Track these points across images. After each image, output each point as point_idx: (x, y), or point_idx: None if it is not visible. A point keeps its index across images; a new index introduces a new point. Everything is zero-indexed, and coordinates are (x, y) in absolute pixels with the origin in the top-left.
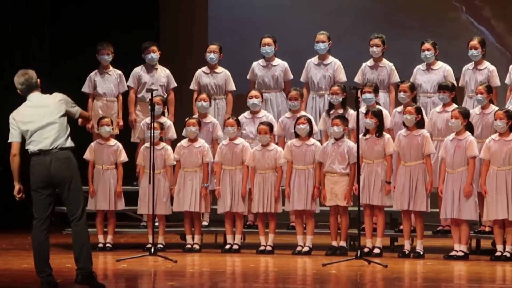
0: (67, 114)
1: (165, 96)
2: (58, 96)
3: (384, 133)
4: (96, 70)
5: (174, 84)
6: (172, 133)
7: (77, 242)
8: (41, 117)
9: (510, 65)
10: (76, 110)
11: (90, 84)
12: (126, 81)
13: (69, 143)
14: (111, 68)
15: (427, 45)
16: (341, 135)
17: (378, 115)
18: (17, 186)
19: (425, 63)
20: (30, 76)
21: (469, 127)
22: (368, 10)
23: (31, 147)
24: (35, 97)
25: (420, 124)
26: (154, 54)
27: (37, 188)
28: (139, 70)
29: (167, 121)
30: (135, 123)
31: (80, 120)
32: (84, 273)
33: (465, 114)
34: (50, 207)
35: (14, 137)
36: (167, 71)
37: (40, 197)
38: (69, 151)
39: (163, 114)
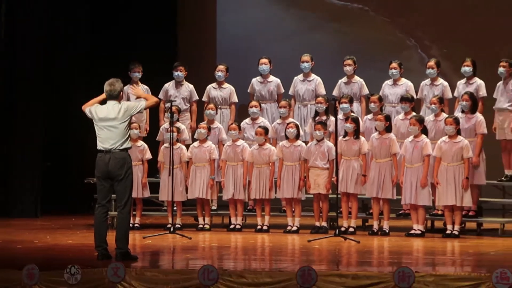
0: (133, 116)
1: (183, 107)
2: (124, 106)
3: (360, 136)
4: (128, 85)
5: (196, 97)
6: (185, 136)
7: (120, 226)
8: (108, 124)
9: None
10: (141, 108)
11: (124, 97)
12: (152, 94)
13: (126, 145)
14: (140, 83)
15: (394, 64)
16: (322, 137)
17: (356, 121)
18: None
19: (392, 79)
20: (114, 88)
21: (425, 131)
22: (343, 45)
23: (98, 144)
24: (110, 105)
25: (388, 129)
26: (180, 73)
27: (98, 178)
28: (167, 85)
29: (181, 125)
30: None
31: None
32: (121, 252)
33: (421, 121)
34: (108, 195)
35: (86, 110)
36: (191, 86)
37: (100, 186)
38: (125, 152)
39: (177, 120)
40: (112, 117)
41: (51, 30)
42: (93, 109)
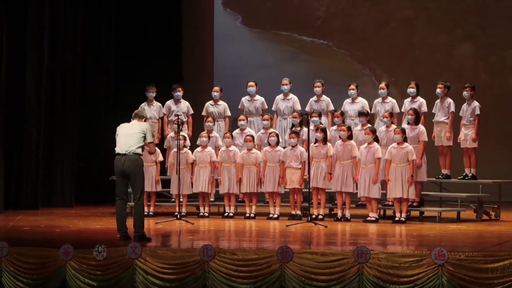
0: (144, 135)
1: (185, 120)
2: (144, 125)
3: (327, 142)
4: (145, 102)
5: (191, 111)
6: (188, 142)
7: (136, 214)
8: (127, 133)
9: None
10: (149, 139)
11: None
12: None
13: (139, 151)
14: (154, 101)
15: (352, 86)
16: (295, 144)
17: (324, 131)
18: None
19: (351, 98)
20: (141, 111)
21: (376, 139)
22: (313, 72)
23: (116, 149)
24: (133, 122)
25: (350, 137)
26: (179, 93)
27: (116, 176)
28: (169, 102)
29: (184, 134)
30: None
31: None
32: (138, 234)
33: (373, 131)
34: (126, 189)
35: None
36: (187, 103)
37: (118, 182)
38: (138, 156)
39: (181, 130)
40: (130, 127)
41: (83, 58)
42: (118, 127)
